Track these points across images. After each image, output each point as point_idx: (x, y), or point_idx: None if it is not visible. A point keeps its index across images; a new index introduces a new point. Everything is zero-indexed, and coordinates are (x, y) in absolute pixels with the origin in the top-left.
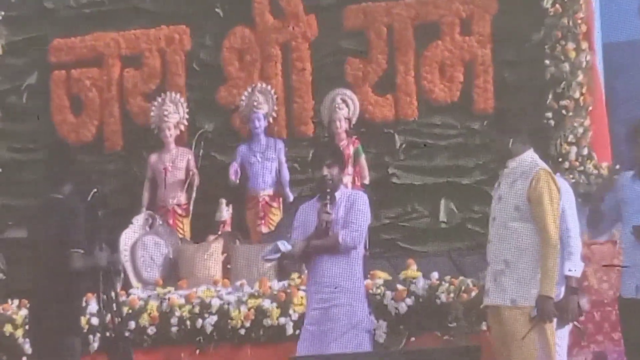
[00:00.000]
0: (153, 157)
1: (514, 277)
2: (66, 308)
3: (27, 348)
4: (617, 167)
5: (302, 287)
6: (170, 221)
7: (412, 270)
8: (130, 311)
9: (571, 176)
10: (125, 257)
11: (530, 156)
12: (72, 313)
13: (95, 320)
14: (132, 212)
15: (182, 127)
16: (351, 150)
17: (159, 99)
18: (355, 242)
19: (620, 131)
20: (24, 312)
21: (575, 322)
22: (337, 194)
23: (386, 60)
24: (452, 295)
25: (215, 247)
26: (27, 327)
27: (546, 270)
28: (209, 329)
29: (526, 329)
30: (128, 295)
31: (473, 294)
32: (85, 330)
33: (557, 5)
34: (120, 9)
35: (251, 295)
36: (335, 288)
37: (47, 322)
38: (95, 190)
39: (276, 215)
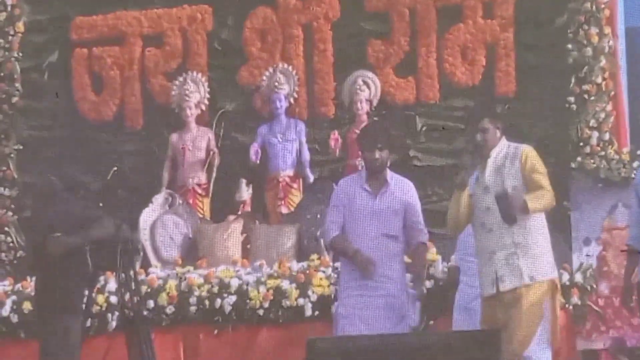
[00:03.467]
0: (174, 137)
1: (527, 256)
2: (63, 288)
3: None
4: (638, 152)
5: (322, 269)
6: (190, 201)
7: (432, 253)
8: (148, 290)
9: (592, 161)
10: (145, 236)
11: (505, 143)
12: (70, 293)
13: (114, 299)
14: (152, 191)
15: (203, 107)
16: None
17: (180, 79)
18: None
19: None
20: None
21: (594, 306)
22: (388, 178)
23: (408, 43)
24: None
25: (235, 227)
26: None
27: (540, 200)
28: (227, 309)
29: (540, 301)
30: (147, 274)
31: None
32: (103, 309)
33: None
34: None
35: (270, 276)
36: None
37: (45, 301)
38: (115, 168)
39: (296, 196)
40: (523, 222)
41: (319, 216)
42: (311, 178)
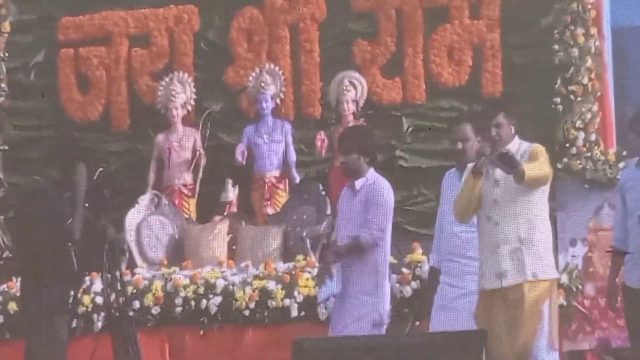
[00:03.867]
0: (160, 137)
1: (532, 252)
2: (49, 288)
3: None
4: (624, 153)
5: (308, 269)
6: (176, 201)
7: (418, 253)
8: (134, 291)
9: (578, 162)
10: (131, 237)
11: (518, 141)
12: (56, 293)
13: (99, 300)
14: (138, 192)
15: (189, 107)
16: None
17: (167, 79)
18: (376, 241)
19: (626, 117)
20: None
21: (580, 307)
22: (368, 175)
23: (394, 43)
24: None
25: (221, 228)
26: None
27: (536, 168)
28: (213, 309)
29: (542, 301)
30: (133, 274)
31: None
32: (89, 309)
33: None
34: None
35: (256, 277)
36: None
37: (31, 302)
38: (101, 169)
39: (282, 197)
40: (529, 219)
41: (304, 217)
42: (297, 179)
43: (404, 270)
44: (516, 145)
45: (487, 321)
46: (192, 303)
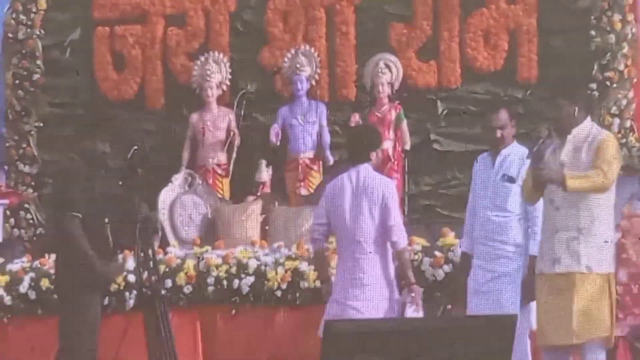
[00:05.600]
0: (194, 116)
1: (589, 245)
2: (81, 265)
3: None
4: None
5: None
6: (210, 181)
7: (450, 237)
8: (167, 270)
9: None
10: (164, 216)
11: (590, 124)
12: (90, 271)
13: (132, 278)
14: (171, 171)
15: (224, 87)
16: (393, 115)
17: (202, 59)
18: (406, 241)
19: None
20: None
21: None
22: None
23: (430, 27)
24: None
25: (254, 208)
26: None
27: (584, 180)
28: (245, 289)
29: (598, 294)
30: (165, 253)
31: None
32: (121, 288)
33: None
34: None
35: (288, 257)
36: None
37: (64, 279)
38: (135, 147)
39: (316, 178)
40: (590, 209)
41: None
42: (331, 160)
43: (437, 253)
44: (587, 130)
45: (545, 304)
46: (224, 283)
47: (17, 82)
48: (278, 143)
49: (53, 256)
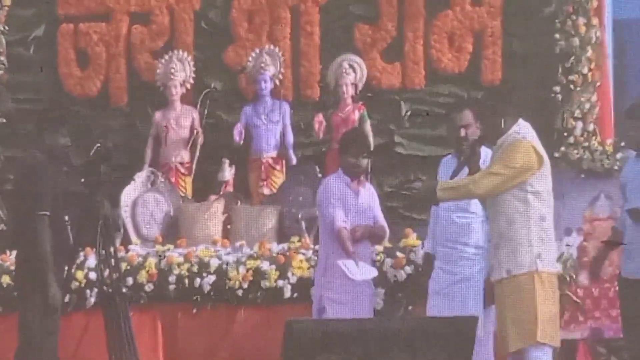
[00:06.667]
0: (157, 115)
1: (507, 248)
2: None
3: None
4: (622, 144)
5: (302, 251)
6: (173, 179)
7: (412, 238)
8: (128, 267)
9: (575, 151)
10: (126, 214)
11: (513, 129)
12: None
13: (93, 275)
14: (134, 169)
15: (188, 86)
16: (356, 116)
17: (166, 57)
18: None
19: (624, 109)
20: None
21: (573, 297)
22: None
23: (395, 28)
24: None
25: (216, 207)
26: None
27: (452, 190)
28: (206, 288)
29: (522, 295)
30: (127, 251)
31: None
32: (82, 285)
33: None
34: None
35: (250, 257)
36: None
37: (25, 276)
38: (98, 145)
39: (278, 178)
40: (507, 214)
41: (300, 198)
42: (294, 160)
43: (399, 254)
44: (504, 138)
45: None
46: (186, 281)
47: None
48: (241, 142)
49: (14, 252)
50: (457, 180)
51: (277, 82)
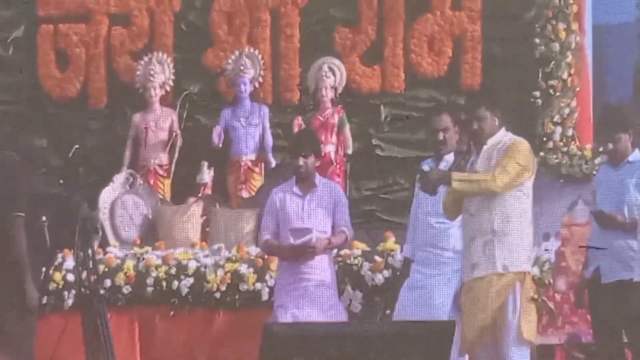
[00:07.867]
0: (137, 116)
1: (503, 245)
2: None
3: None
4: (601, 149)
5: None
6: (151, 181)
7: (391, 242)
8: (106, 269)
9: (554, 156)
10: (104, 215)
11: (503, 133)
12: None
13: (70, 277)
14: (113, 171)
15: (168, 88)
16: (335, 119)
17: (146, 58)
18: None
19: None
20: None
21: (549, 303)
22: (316, 181)
23: (375, 31)
24: None
25: (195, 210)
26: None
27: (469, 182)
28: (184, 291)
29: (504, 292)
30: (105, 253)
31: None
32: (60, 287)
33: None
34: None
35: (228, 260)
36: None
37: (1, 276)
38: (76, 146)
39: (257, 181)
40: (504, 212)
41: None
42: (273, 163)
43: (377, 258)
44: (501, 138)
45: (467, 311)
46: (164, 284)
47: None
48: (220, 145)
49: None
50: (471, 173)
51: (257, 84)
